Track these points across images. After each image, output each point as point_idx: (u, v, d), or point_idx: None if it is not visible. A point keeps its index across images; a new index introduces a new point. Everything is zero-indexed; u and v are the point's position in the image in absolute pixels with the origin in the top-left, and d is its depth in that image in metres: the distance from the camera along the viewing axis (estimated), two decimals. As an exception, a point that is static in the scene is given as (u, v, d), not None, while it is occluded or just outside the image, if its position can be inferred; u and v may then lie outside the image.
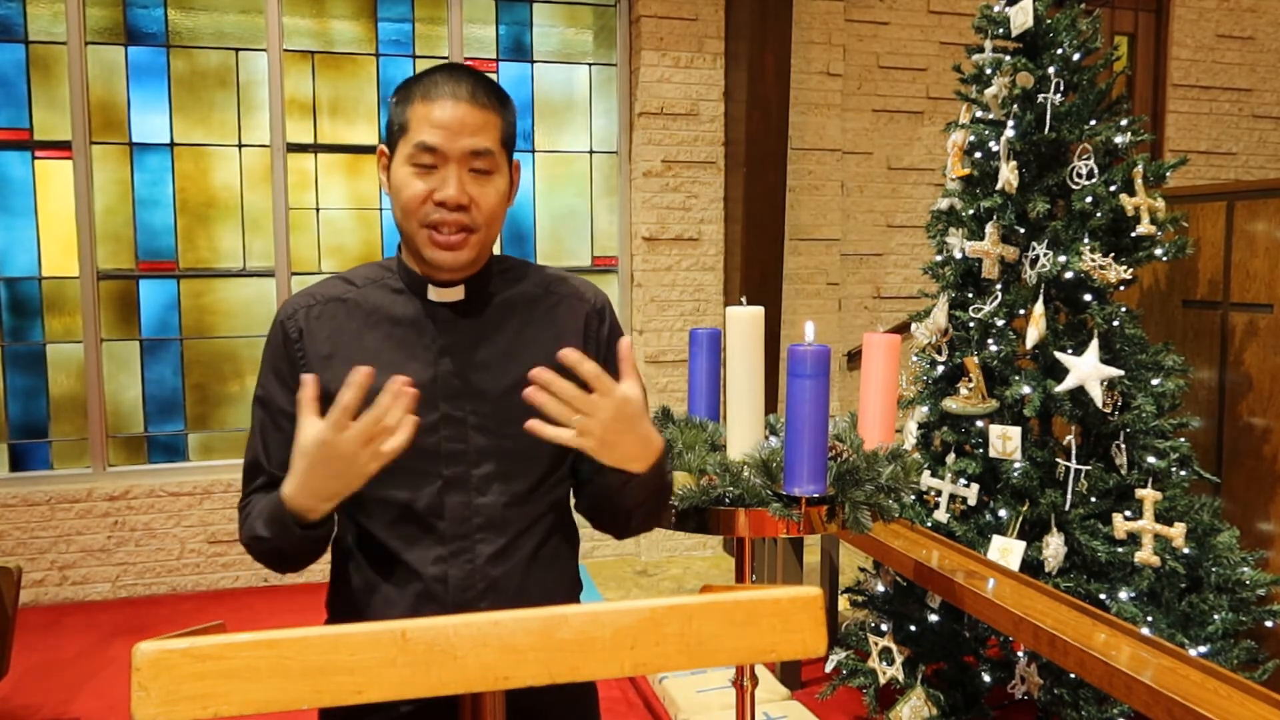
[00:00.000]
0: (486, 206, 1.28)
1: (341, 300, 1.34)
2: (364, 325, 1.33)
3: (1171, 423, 2.90)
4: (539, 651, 0.92)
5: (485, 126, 1.27)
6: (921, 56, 5.24)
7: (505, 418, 1.30)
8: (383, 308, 1.33)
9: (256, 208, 4.52)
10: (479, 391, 1.31)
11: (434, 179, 1.26)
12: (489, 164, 1.27)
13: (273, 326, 1.35)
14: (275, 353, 1.34)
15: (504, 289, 1.37)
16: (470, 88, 1.27)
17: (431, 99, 1.26)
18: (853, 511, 1.77)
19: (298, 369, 1.30)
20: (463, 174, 1.26)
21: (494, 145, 1.28)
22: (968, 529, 2.98)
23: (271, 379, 1.34)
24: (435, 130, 1.24)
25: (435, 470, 1.29)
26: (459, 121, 1.25)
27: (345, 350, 1.31)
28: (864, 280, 5.27)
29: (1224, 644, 2.74)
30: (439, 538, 1.30)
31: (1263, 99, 5.89)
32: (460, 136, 1.25)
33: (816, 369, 1.71)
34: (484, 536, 1.31)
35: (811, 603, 0.98)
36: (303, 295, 1.36)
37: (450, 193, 1.25)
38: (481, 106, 1.27)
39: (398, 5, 4.62)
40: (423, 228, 1.27)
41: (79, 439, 4.40)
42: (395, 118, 1.29)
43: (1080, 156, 2.92)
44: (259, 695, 0.88)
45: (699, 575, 4.61)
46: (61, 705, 3.28)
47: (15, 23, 4.22)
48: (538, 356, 1.32)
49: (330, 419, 1.13)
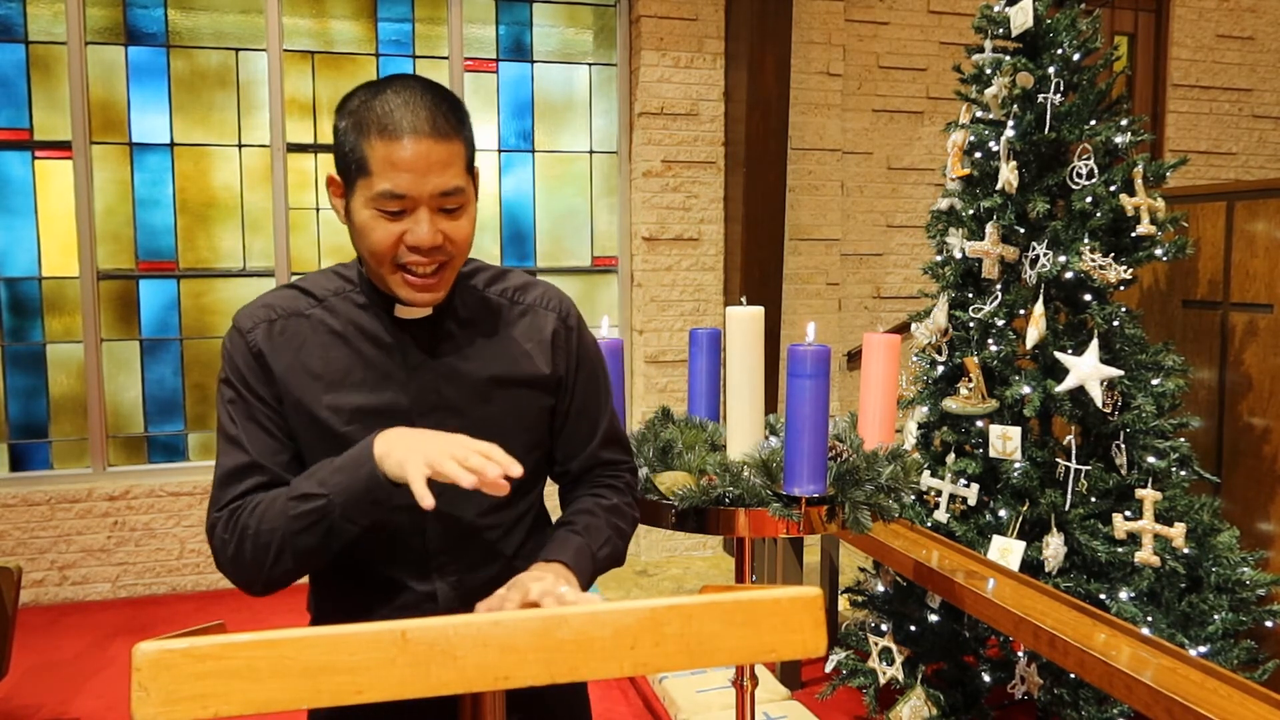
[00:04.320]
0: (460, 239, 1.23)
1: (304, 316, 1.28)
2: (329, 342, 1.27)
3: (1171, 423, 2.90)
4: (539, 651, 0.92)
5: (451, 159, 1.19)
6: (921, 56, 5.24)
7: (481, 431, 1.26)
8: (348, 323, 1.28)
9: (256, 208, 4.52)
10: (452, 407, 1.29)
11: (403, 222, 1.19)
12: (459, 200, 1.21)
13: (231, 337, 1.28)
14: (238, 361, 1.26)
15: (470, 300, 1.34)
16: (429, 115, 1.17)
17: (390, 136, 1.16)
18: (853, 511, 1.77)
19: (265, 385, 1.25)
20: (433, 215, 1.20)
21: (461, 179, 1.21)
22: (968, 529, 2.98)
23: (240, 384, 1.26)
24: (400, 175, 1.16)
25: None
26: (424, 161, 1.16)
27: (313, 368, 1.26)
28: (864, 280, 5.27)
29: (1224, 644, 2.74)
30: (424, 553, 1.29)
31: (1263, 99, 5.89)
32: (428, 177, 1.17)
33: (816, 369, 1.71)
34: (466, 546, 1.31)
35: (811, 603, 0.98)
36: (260, 308, 1.28)
37: (423, 236, 1.18)
38: (444, 137, 1.18)
39: (398, 5, 4.62)
40: (395, 270, 1.22)
41: (79, 439, 4.40)
42: (349, 149, 1.19)
43: (1080, 156, 2.92)
44: (259, 695, 0.88)
45: (699, 575, 4.61)
46: (61, 705, 3.28)
47: (15, 23, 4.22)
48: (506, 367, 1.32)
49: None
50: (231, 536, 1.21)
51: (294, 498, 1.18)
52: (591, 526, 1.35)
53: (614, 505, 1.40)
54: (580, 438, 1.41)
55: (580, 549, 1.30)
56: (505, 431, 1.30)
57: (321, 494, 1.17)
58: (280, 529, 1.19)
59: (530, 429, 1.35)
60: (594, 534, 1.34)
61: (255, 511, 1.21)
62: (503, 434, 1.28)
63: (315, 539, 1.18)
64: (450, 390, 1.29)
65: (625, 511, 1.42)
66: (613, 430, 1.45)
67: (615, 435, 1.46)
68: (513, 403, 1.32)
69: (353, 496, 1.16)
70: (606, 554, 1.34)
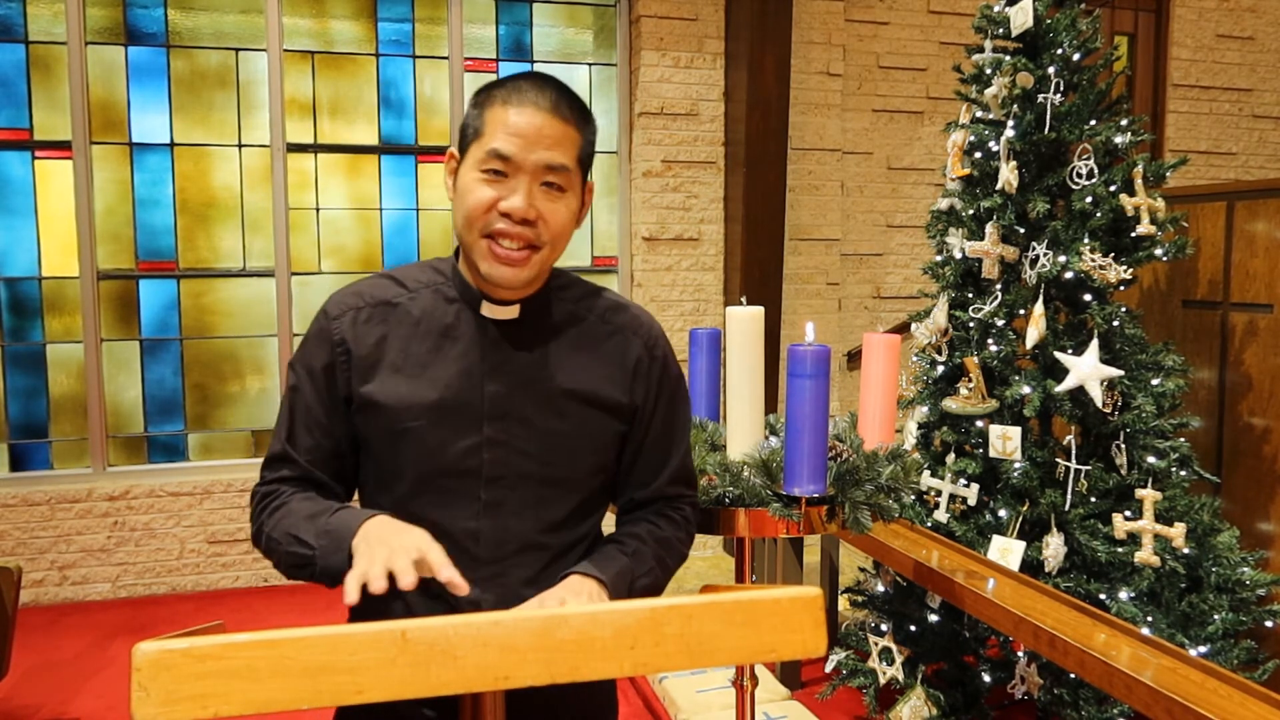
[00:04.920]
0: (555, 224, 1.22)
1: (391, 305, 1.29)
2: (412, 334, 1.27)
3: (1171, 423, 2.90)
4: (539, 651, 0.92)
5: (564, 140, 1.21)
6: (921, 56, 5.23)
7: (548, 444, 1.27)
8: (433, 317, 1.28)
9: (256, 208, 4.52)
10: (524, 416, 1.26)
11: (503, 187, 1.20)
12: (563, 180, 1.22)
13: (318, 321, 1.30)
14: (316, 349, 1.28)
15: (559, 312, 1.32)
16: (554, 98, 1.21)
17: (512, 104, 1.20)
18: (853, 511, 1.77)
19: (338, 372, 1.27)
20: (534, 186, 1.20)
21: (570, 162, 1.22)
22: (968, 529, 2.98)
23: (304, 374, 1.29)
24: (511, 138, 1.19)
25: (474, 492, 1.26)
26: (537, 131, 1.19)
27: (392, 358, 1.26)
28: (864, 280, 5.27)
29: (1224, 644, 2.74)
30: (473, 561, 1.26)
31: (1263, 99, 5.89)
32: (536, 147, 1.19)
33: (816, 369, 1.71)
34: (518, 561, 1.27)
35: (811, 603, 0.98)
36: (350, 295, 1.30)
37: (518, 204, 1.19)
38: (563, 119, 1.21)
39: (398, 5, 4.62)
40: (483, 237, 1.21)
41: (79, 439, 4.40)
42: (470, 120, 1.23)
43: (1080, 156, 2.92)
44: (259, 695, 0.88)
45: (699, 575, 4.61)
46: (61, 705, 3.28)
47: (15, 23, 4.22)
48: (585, 384, 1.29)
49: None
50: (254, 520, 1.30)
51: (295, 535, 1.22)
52: (640, 553, 1.32)
53: (666, 538, 1.37)
54: (649, 471, 1.38)
55: (622, 571, 1.28)
56: (573, 449, 1.29)
57: (311, 548, 1.21)
58: (280, 549, 1.24)
59: (598, 451, 1.32)
60: (640, 560, 1.32)
61: (275, 515, 1.26)
62: (570, 451, 1.28)
63: (303, 575, 1.23)
64: (524, 399, 1.27)
65: (676, 547, 1.38)
66: (684, 468, 1.41)
67: (687, 473, 1.42)
68: (585, 422, 1.30)
69: (329, 564, 1.20)
70: (645, 585, 1.31)
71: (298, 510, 1.25)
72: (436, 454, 1.25)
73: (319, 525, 1.21)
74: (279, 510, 1.26)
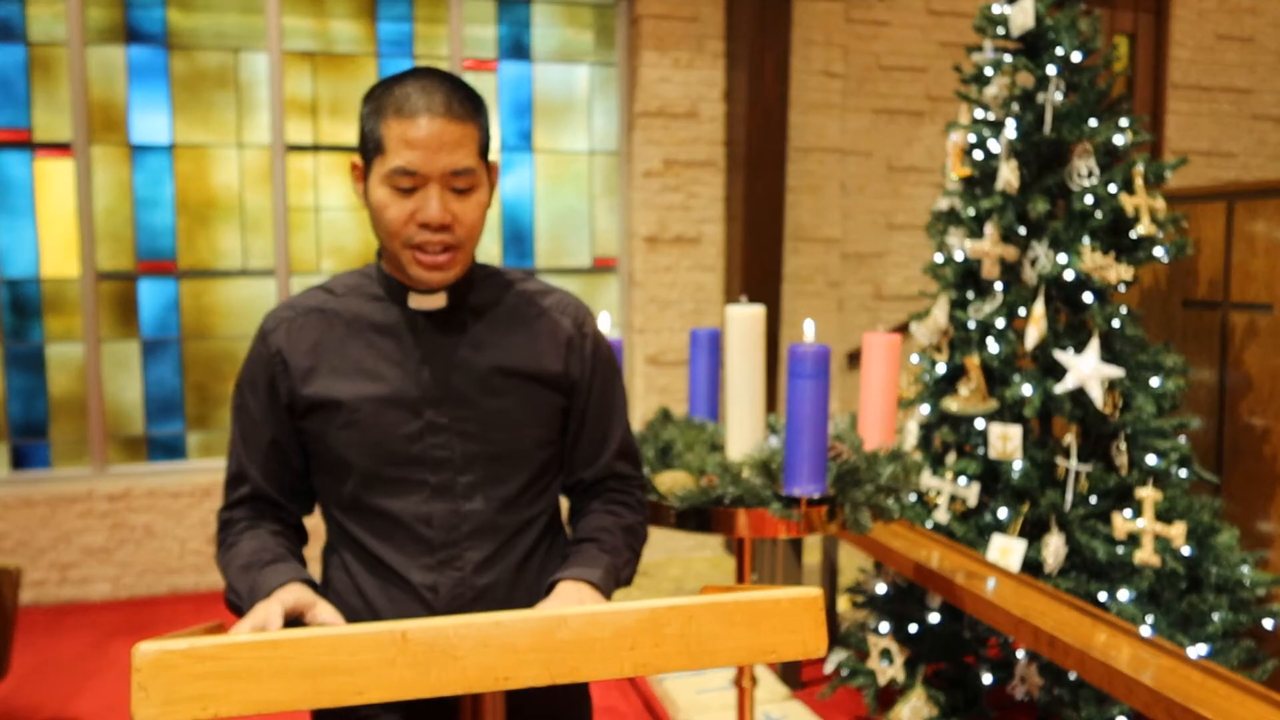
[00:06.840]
0: (468, 221, 1.26)
1: (321, 310, 1.34)
2: (345, 334, 1.32)
3: (1171, 423, 2.90)
4: (539, 652, 0.92)
5: (463, 140, 1.24)
6: (921, 56, 5.23)
7: (490, 423, 1.31)
8: (363, 316, 1.33)
9: (256, 208, 4.52)
10: (462, 398, 1.30)
11: (415, 199, 1.23)
12: (469, 181, 1.25)
13: (256, 338, 1.35)
14: (255, 365, 1.34)
15: (485, 297, 1.36)
16: (444, 99, 1.23)
17: (405, 115, 1.21)
18: (853, 512, 1.77)
19: (279, 383, 1.31)
20: (444, 193, 1.24)
21: (473, 161, 1.25)
22: (968, 529, 2.98)
23: (248, 392, 1.34)
24: (412, 152, 1.21)
25: (421, 478, 1.29)
26: (436, 139, 1.21)
27: (328, 360, 1.31)
28: (864, 280, 5.26)
29: (1224, 644, 2.74)
30: (427, 546, 1.30)
31: (1263, 99, 5.89)
32: (439, 155, 1.22)
33: (816, 369, 1.71)
34: (472, 544, 1.31)
35: (811, 603, 0.98)
36: (283, 308, 1.35)
37: (433, 214, 1.23)
38: (458, 119, 1.23)
39: (398, 5, 4.62)
40: (406, 248, 1.26)
41: (79, 439, 4.40)
42: (368, 132, 1.25)
43: (1080, 156, 2.92)
44: (259, 695, 0.88)
45: (699, 575, 4.61)
46: (61, 705, 3.28)
47: (15, 23, 4.22)
48: (518, 359, 1.33)
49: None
50: (222, 546, 1.35)
51: (231, 583, 1.29)
52: (615, 548, 1.37)
53: (630, 526, 1.42)
54: (594, 445, 1.42)
55: (608, 569, 1.32)
56: (517, 424, 1.32)
57: (239, 597, 1.27)
58: (227, 584, 1.30)
59: (541, 425, 1.35)
60: (618, 554, 1.36)
61: (226, 553, 1.33)
62: (514, 426, 1.32)
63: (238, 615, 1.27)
64: (460, 380, 1.31)
65: (640, 533, 1.44)
66: (627, 443, 1.45)
67: (629, 448, 1.46)
68: (524, 396, 1.33)
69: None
70: (627, 575, 1.38)
71: (241, 553, 1.30)
72: (381, 445, 1.29)
73: (249, 579, 1.27)
74: (230, 550, 1.32)
